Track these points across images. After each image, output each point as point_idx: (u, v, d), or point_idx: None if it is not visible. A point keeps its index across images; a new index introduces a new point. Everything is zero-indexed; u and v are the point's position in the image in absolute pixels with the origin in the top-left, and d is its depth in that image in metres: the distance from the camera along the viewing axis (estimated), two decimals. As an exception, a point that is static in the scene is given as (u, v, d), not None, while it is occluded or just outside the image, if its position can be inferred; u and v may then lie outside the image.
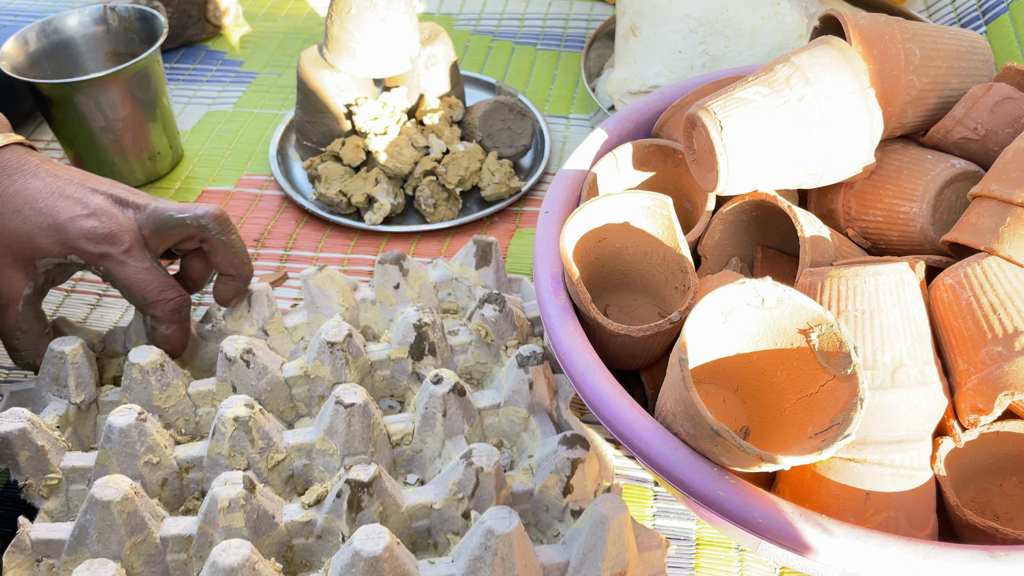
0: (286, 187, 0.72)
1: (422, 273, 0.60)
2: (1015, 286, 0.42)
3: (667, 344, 0.48)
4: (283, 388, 0.54)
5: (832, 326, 0.40)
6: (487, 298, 0.55)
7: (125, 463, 0.47)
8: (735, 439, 0.36)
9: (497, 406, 0.52)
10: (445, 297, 0.61)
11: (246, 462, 0.48)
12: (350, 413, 0.48)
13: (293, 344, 0.59)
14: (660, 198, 0.48)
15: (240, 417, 0.47)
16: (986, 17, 0.84)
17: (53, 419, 0.51)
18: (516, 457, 0.52)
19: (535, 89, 0.87)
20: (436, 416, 0.49)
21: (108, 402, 0.54)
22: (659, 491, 0.52)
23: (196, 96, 0.87)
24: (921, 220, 0.50)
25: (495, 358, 0.56)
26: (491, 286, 0.60)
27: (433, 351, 0.55)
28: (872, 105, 0.47)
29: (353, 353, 0.53)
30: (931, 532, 0.42)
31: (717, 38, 0.72)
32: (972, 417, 0.42)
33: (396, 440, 0.51)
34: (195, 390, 0.53)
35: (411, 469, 0.52)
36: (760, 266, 0.54)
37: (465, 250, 0.61)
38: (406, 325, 0.54)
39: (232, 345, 0.52)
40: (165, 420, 0.53)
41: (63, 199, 0.52)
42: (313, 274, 0.58)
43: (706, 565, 0.48)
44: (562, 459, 0.47)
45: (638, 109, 0.59)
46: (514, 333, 0.55)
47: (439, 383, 0.50)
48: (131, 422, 0.47)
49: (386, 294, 0.59)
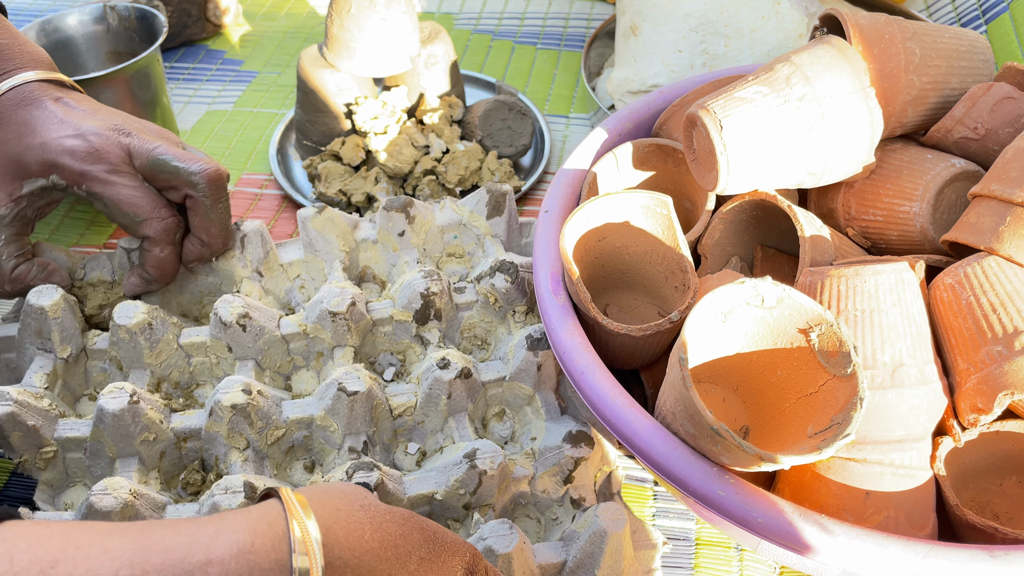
0: (286, 186, 0.72)
1: (429, 217, 0.58)
2: (1015, 286, 0.42)
3: (667, 343, 0.48)
4: (280, 344, 0.52)
5: (832, 325, 0.40)
6: (499, 267, 0.53)
7: (121, 443, 0.47)
8: (735, 438, 0.36)
9: (503, 379, 0.51)
10: (451, 240, 0.59)
11: (245, 441, 0.48)
12: (353, 401, 0.48)
13: (288, 282, 0.57)
14: (660, 197, 0.48)
15: (238, 404, 0.47)
16: (986, 16, 0.84)
17: (40, 378, 0.50)
18: (518, 429, 0.52)
19: (535, 88, 0.87)
20: (440, 398, 0.49)
21: (97, 350, 0.52)
22: (659, 490, 0.52)
23: (196, 95, 0.87)
24: (921, 219, 0.50)
25: (501, 319, 0.55)
26: (501, 236, 0.59)
27: (439, 316, 0.53)
28: (872, 104, 0.47)
29: (355, 319, 0.52)
30: (931, 532, 0.42)
31: (717, 37, 0.72)
32: (972, 416, 0.42)
33: (398, 413, 0.50)
34: (187, 341, 0.52)
35: (411, 438, 0.51)
36: (760, 265, 0.54)
37: (476, 196, 0.59)
38: (412, 292, 0.53)
39: (227, 309, 0.50)
40: (157, 376, 0.52)
41: (58, 124, 0.51)
42: (312, 216, 0.57)
43: (706, 565, 0.48)
44: (566, 457, 0.47)
45: (638, 108, 0.59)
46: (523, 300, 0.54)
47: (446, 367, 0.49)
48: (123, 406, 0.46)
49: (389, 239, 0.58)
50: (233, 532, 0.32)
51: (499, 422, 0.53)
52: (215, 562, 0.31)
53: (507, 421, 0.52)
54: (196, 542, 0.31)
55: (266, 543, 0.32)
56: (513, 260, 0.54)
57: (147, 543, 0.30)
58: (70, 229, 0.71)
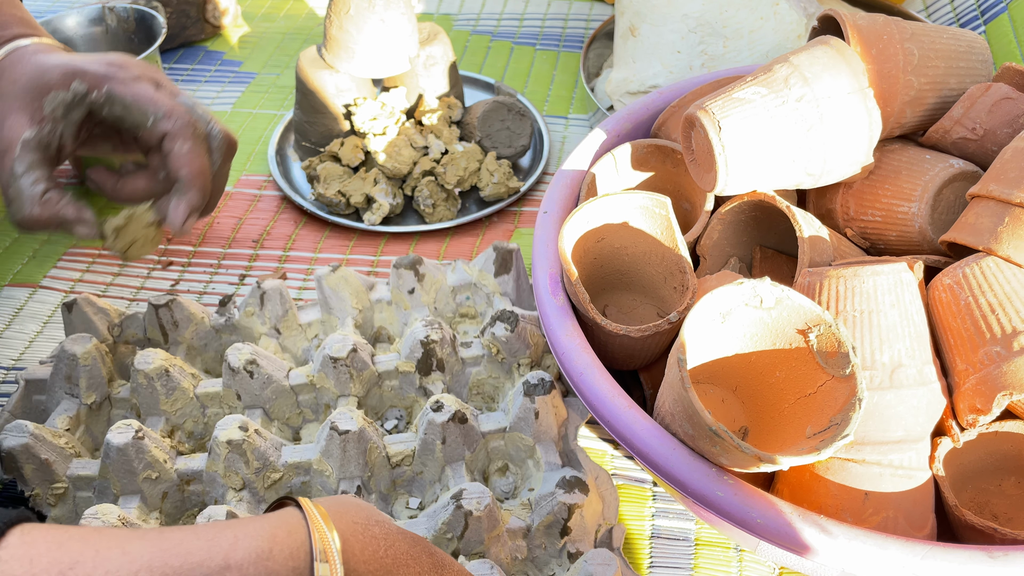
0: (285, 187, 0.72)
1: (439, 277, 0.58)
2: (1013, 286, 0.42)
3: (666, 344, 0.48)
4: (289, 395, 0.53)
5: (830, 326, 0.40)
6: (500, 316, 0.53)
7: (124, 479, 0.47)
8: (733, 439, 0.36)
9: (503, 430, 0.50)
10: (463, 301, 0.59)
11: (241, 481, 0.48)
12: (345, 440, 0.47)
13: (307, 341, 0.58)
14: (659, 198, 0.48)
15: (233, 440, 0.47)
16: (985, 17, 0.84)
17: (64, 421, 0.51)
18: (520, 483, 0.51)
19: (534, 89, 0.87)
20: (435, 443, 0.48)
21: (120, 399, 0.53)
22: (658, 491, 0.52)
23: (195, 96, 0.87)
24: (920, 220, 0.50)
25: (507, 374, 0.54)
26: (510, 294, 0.59)
27: (442, 367, 0.53)
28: (871, 105, 0.47)
29: (358, 367, 0.52)
30: (930, 532, 0.42)
31: (716, 38, 0.72)
32: (971, 417, 0.42)
33: (396, 461, 0.50)
34: (203, 391, 0.53)
35: (411, 491, 0.51)
36: (759, 266, 0.54)
37: (485, 255, 0.59)
38: (413, 340, 0.53)
39: (236, 355, 0.51)
40: (172, 423, 0.52)
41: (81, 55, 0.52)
42: (327, 274, 0.57)
43: (705, 565, 0.48)
44: (559, 503, 0.46)
45: (637, 109, 0.59)
46: (527, 352, 0.53)
47: (439, 410, 0.48)
48: (128, 440, 0.47)
49: (401, 297, 0.58)
50: (252, 538, 0.32)
51: (502, 477, 0.51)
52: (233, 567, 0.31)
53: (510, 476, 0.51)
54: (215, 547, 0.31)
55: (284, 551, 0.32)
56: (515, 311, 0.53)
57: (166, 546, 0.31)
58: (69, 230, 0.71)
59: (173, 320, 0.56)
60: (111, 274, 0.67)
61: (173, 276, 0.67)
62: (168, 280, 0.67)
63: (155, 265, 0.68)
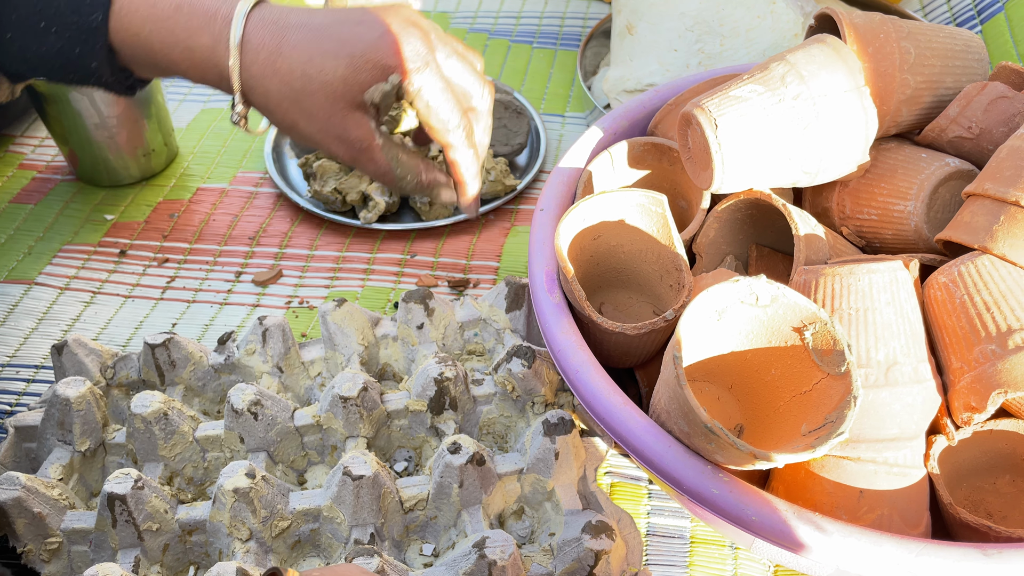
0: (281, 185, 0.72)
1: (448, 312, 0.57)
2: (1008, 284, 0.42)
3: (661, 342, 0.48)
4: (294, 437, 0.51)
5: (826, 324, 0.40)
6: (516, 351, 0.51)
7: (123, 531, 0.45)
8: (729, 437, 0.36)
9: (520, 471, 0.49)
10: (471, 338, 0.57)
11: (248, 532, 0.46)
12: (358, 486, 0.45)
13: (309, 380, 0.56)
14: (655, 196, 0.48)
15: (240, 488, 0.44)
16: (982, 16, 0.84)
17: (56, 470, 0.48)
18: (537, 528, 0.49)
19: (531, 87, 0.87)
20: (452, 487, 0.46)
21: (114, 444, 0.51)
22: (653, 489, 0.52)
23: (191, 93, 0.86)
24: (915, 218, 0.50)
25: (520, 413, 0.52)
26: (521, 330, 0.57)
27: (454, 405, 0.51)
28: (867, 103, 0.47)
29: (368, 407, 0.50)
30: (924, 530, 0.42)
31: (713, 36, 0.72)
32: (965, 415, 0.42)
33: (409, 506, 0.48)
34: (203, 435, 0.50)
35: (425, 536, 0.49)
36: (755, 264, 0.54)
37: (496, 290, 0.58)
38: (426, 378, 0.50)
39: (239, 396, 0.49)
40: (171, 469, 0.50)
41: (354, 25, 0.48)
42: (332, 310, 0.55)
43: (700, 563, 0.48)
44: (585, 550, 0.44)
45: (633, 107, 0.59)
46: (542, 389, 0.52)
47: (456, 452, 0.46)
48: (127, 492, 0.44)
49: (409, 333, 0.56)
50: None
51: (518, 520, 0.49)
52: None
53: (526, 520, 0.49)
54: None
55: None
56: (530, 346, 0.52)
57: None
58: (64, 227, 0.71)
59: (170, 360, 0.53)
60: (106, 271, 0.67)
61: (169, 273, 0.67)
62: (164, 277, 0.67)
63: (151, 262, 0.68)
